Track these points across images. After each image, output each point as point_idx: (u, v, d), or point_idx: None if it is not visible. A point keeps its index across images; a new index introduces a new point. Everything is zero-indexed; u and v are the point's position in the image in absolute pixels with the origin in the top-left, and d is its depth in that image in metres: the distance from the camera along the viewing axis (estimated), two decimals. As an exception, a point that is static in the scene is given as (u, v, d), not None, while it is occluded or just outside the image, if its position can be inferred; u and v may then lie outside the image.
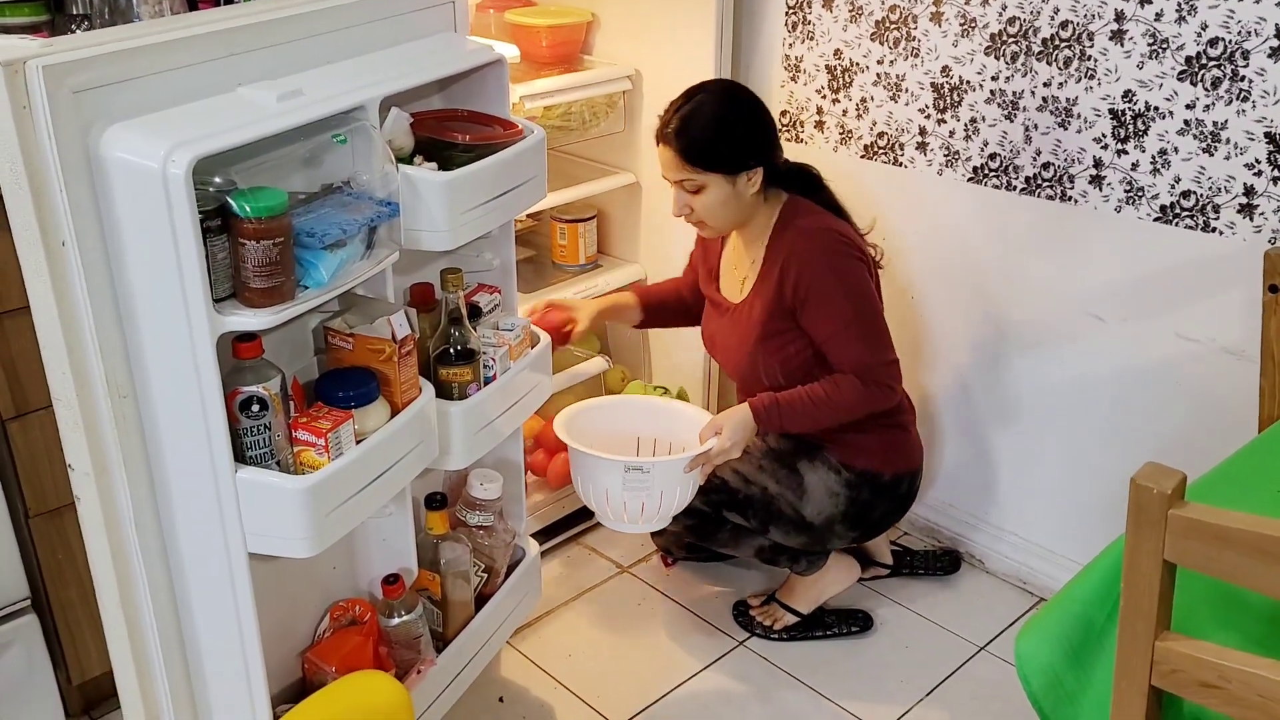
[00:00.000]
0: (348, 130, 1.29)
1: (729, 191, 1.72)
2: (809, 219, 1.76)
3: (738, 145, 1.71)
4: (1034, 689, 1.18)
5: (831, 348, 1.74)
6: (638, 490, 1.69)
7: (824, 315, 1.73)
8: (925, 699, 1.87)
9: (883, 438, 1.85)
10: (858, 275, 1.75)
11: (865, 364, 1.74)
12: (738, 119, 1.71)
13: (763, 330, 1.79)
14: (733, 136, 1.70)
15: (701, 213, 1.75)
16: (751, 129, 1.72)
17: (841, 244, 1.75)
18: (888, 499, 1.88)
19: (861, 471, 1.85)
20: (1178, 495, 0.91)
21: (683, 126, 1.70)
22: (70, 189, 1.11)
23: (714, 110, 1.70)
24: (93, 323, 1.16)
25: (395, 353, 1.37)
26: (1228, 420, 1.77)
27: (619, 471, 1.69)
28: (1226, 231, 1.72)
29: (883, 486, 1.87)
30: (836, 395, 1.74)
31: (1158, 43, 1.71)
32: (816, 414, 1.75)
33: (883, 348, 1.77)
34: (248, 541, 1.26)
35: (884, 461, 1.85)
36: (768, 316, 1.78)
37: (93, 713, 1.81)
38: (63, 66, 1.08)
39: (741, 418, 1.75)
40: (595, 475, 1.72)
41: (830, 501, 1.84)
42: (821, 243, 1.74)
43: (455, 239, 1.42)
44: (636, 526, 1.77)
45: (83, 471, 1.22)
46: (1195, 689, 0.96)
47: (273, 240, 1.16)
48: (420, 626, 1.55)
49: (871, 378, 1.74)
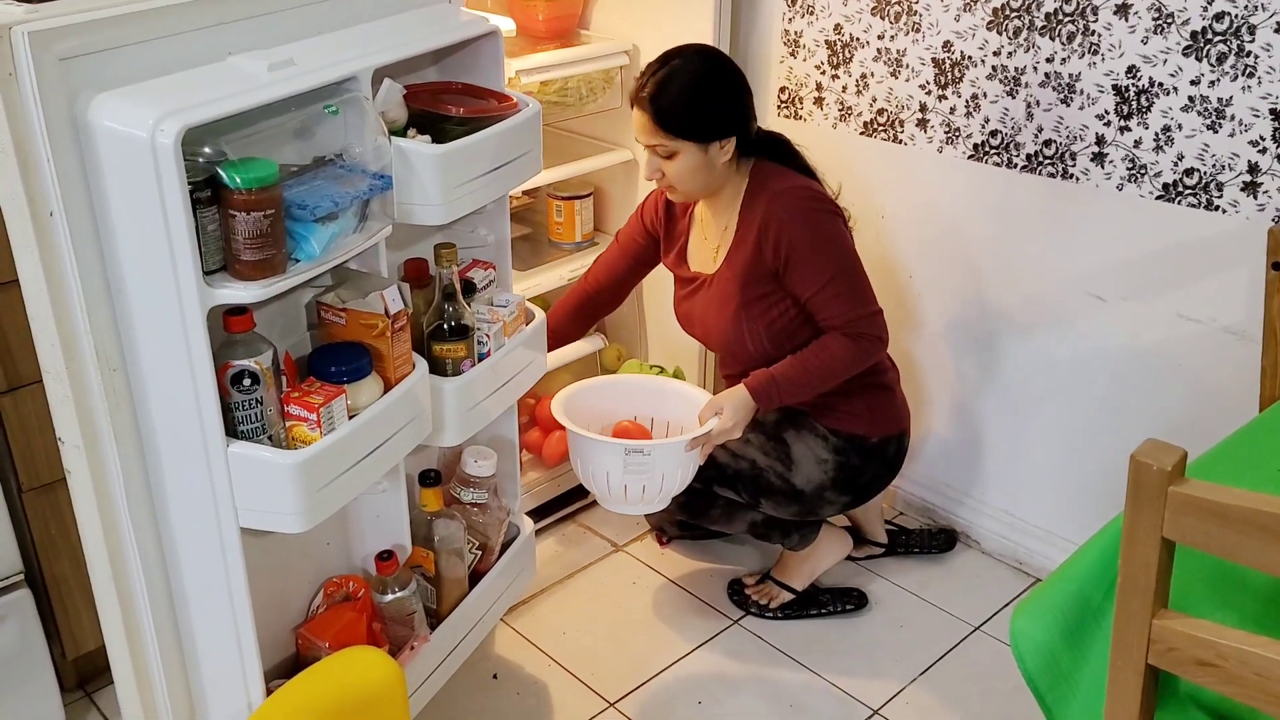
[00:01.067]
0: (340, 101, 1.28)
1: (701, 159, 1.72)
2: (780, 180, 1.77)
3: (712, 114, 1.70)
4: (1029, 667, 1.17)
5: (817, 304, 1.74)
6: (639, 473, 1.69)
7: (808, 272, 1.73)
8: (919, 678, 1.87)
9: (868, 400, 1.85)
10: (836, 229, 1.75)
11: (851, 318, 1.74)
12: (713, 87, 1.70)
13: (743, 296, 1.78)
14: (707, 105, 1.70)
15: (672, 178, 1.75)
16: (726, 98, 1.72)
17: (816, 200, 1.75)
18: (876, 462, 1.88)
19: (848, 436, 1.85)
20: (1178, 472, 0.91)
21: (657, 91, 1.69)
22: (57, 158, 1.09)
23: (690, 77, 1.69)
24: (81, 294, 1.15)
25: (388, 328, 1.36)
26: (1228, 401, 1.76)
27: (619, 454, 1.68)
28: (1230, 210, 1.71)
29: (870, 450, 1.86)
30: (828, 358, 1.74)
31: (1163, 17, 1.68)
32: (812, 381, 1.75)
33: (867, 300, 1.77)
34: (239, 516, 1.25)
35: (870, 425, 1.85)
36: (747, 281, 1.77)
37: (87, 687, 1.81)
38: (49, 33, 1.06)
39: (741, 398, 1.74)
40: (595, 458, 1.71)
41: (819, 469, 1.84)
42: (797, 201, 1.74)
43: (449, 213, 1.41)
44: (636, 508, 1.77)
45: (73, 444, 1.21)
46: (1192, 667, 0.96)
47: (263, 212, 1.15)
48: (414, 603, 1.55)
49: (858, 330, 1.75)
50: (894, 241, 2.15)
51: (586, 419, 1.76)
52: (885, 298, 1.82)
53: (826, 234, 1.73)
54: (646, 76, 1.71)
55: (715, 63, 1.73)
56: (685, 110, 1.68)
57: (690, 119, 1.69)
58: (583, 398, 1.83)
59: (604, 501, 1.78)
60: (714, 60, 1.74)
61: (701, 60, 1.72)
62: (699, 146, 1.71)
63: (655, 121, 1.70)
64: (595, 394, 1.86)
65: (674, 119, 1.69)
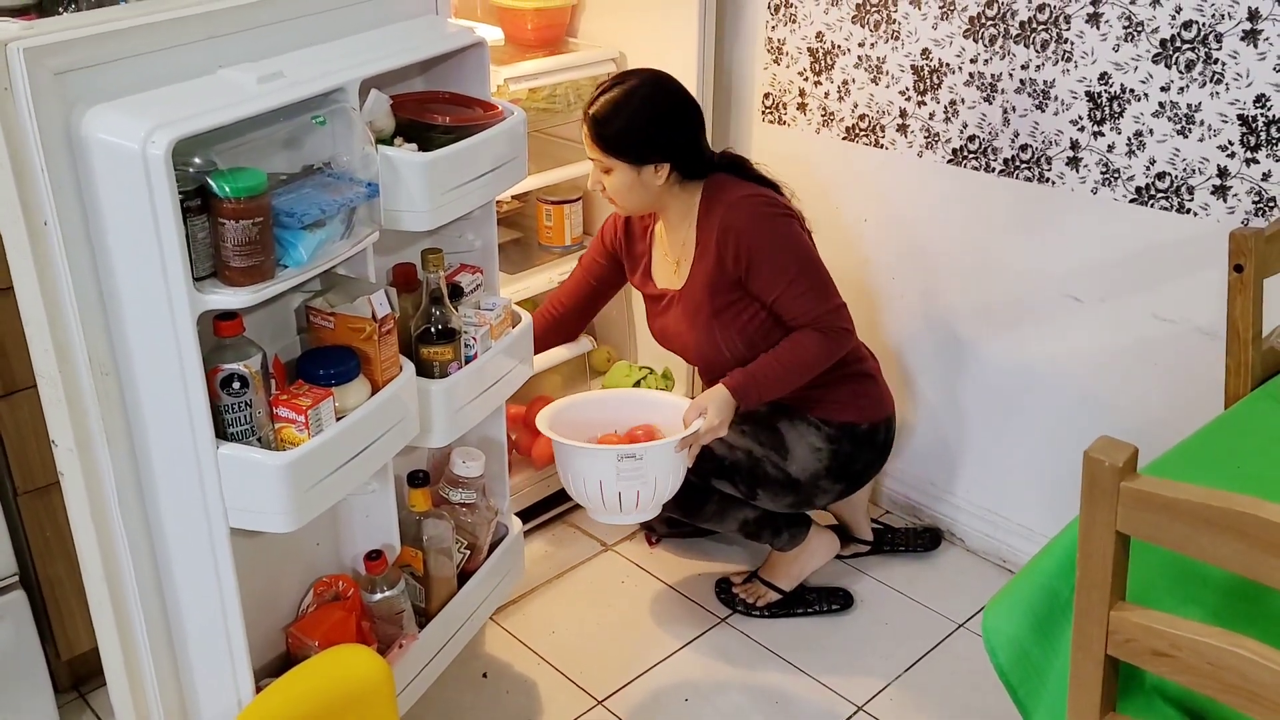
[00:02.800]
0: (327, 112, 1.31)
1: (634, 178, 1.79)
2: (733, 190, 1.81)
3: (643, 140, 1.76)
4: (1001, 662, 1.20)
5: (782, 305, 1.79)
6: (632, 479, 1.70)
7: (770, 276, 1.78)
8: (904, 674, 1.90)
9: (852, 389, 1.90)
10: (792, 230, 1.80)
11: (818, 314, 1.79)
12: (651, 115, 1.76)
13: (712, 306, 1.83)
14: (640, 130, 1.76)
15: (610, 192, 1.82)
16: (663, 127, 1.77)
17: (768, 204, 1.80)
18: (868, 449, 1.93)
19: (840, 424, 1.89)
20: (1129, 468, 0.94)
21: (599, 111, 1.76)
22: (52, 169, 1.12)
23: (630, 102, 1.75)
24: (75, 301, 1.18)
25: (376, 331, 1.39)
26: (1203, 399, 1.79)
27: (612, 462, 1.69)
28: (1200, 213, 1.74)
29: (861, 436, 1.91)
30: (802, 352, 1.79)
31: (1133, 25, 1.72)
32: (788, 375, 1.80)
33: (830, 294, 1.82)
34: (229, 516, 1.28)
35: (858, 412, 1.91)
36: (713, 292, 1.82)
37: (82, 688, 1.83)
38: (44, 49, 1.09)
39: (723, 396, 1.79)
40: (587, 468, 1.72)
41: (814, 457, 1.88)
42: (750, 208, 1.79)
43: (435, 219, 1.44)
44: (630, 517, 1.78)
45: (66, 447, 1.24)
46: (1148, 657, 0.99)
47: (252, 220, 1.18)
48: (403, 602, 1.57)
49: (826, 324, 1.79)
50: (876, 244, 2.18)
51: (571, 435, 1.77)
52: (867, 299, 1.85)
53: (783, 235, 1.78)
54: (598, 93, 1.78)
55: (662, 91, 1.79)
56: (619, 132, 1.75)
57: (622, 140, 1.76)
58: (567, 415, 1.85)
59: (597, 514, 1.79)
60: (661, 88, 1.79)
61: (649, 87, 1.78)
62: (630, 167, 1.77)
63: (591, 137, 1.77)
64: (578, 410, 1.88)
65: (607, 138, 1.76)
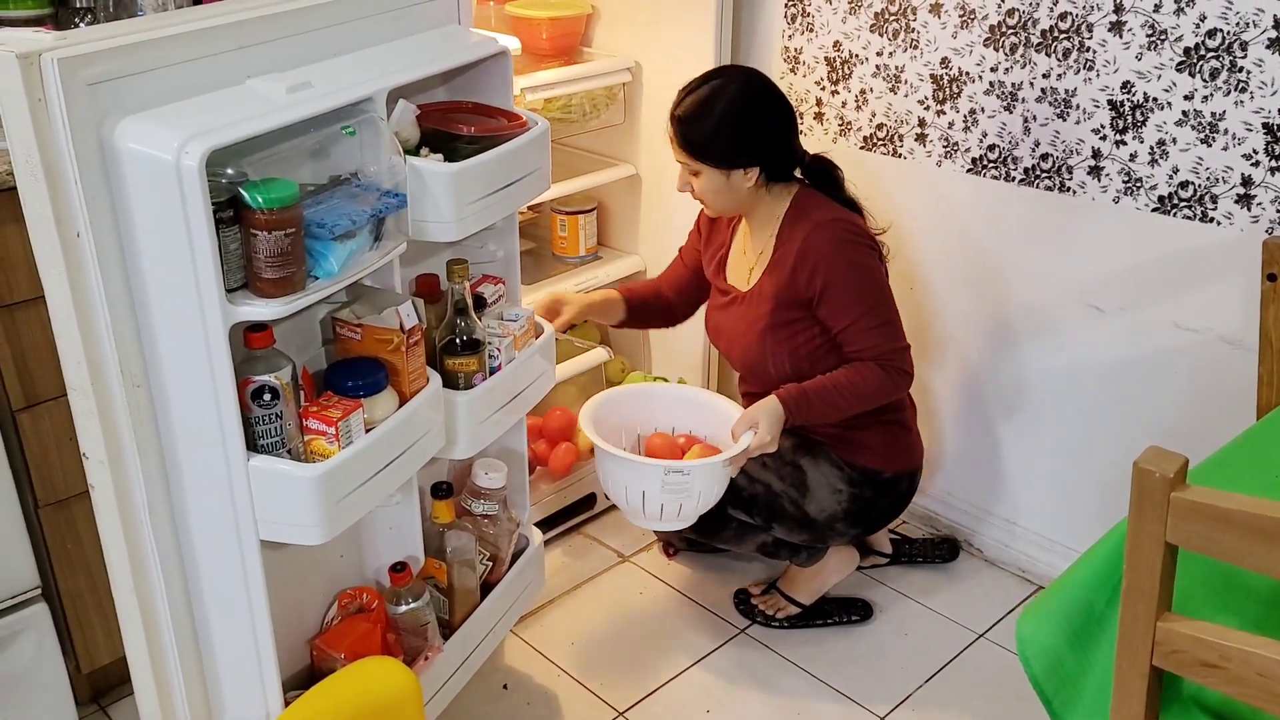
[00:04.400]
0: (356, 122, 1.30)
1: (722, 182, 1.75)
2: (820, 211, 1.77)
3: (732, 143, 1.71)
4: (1036, 672, 1.19)
5: (849, 336, 1.75)
6: (677, 492, 1.68)
7: (843, 306, 1.74)
8: (924, 686, 1.89)
9: (884, 436, 1.86)
10: (872, 264, 1.77)
11: (882, 351, 1.75)
12: (740, 117, 1.71)
13: (772, 319, 1.80)
14: (729, 134, 1.71)
15: (699, 194, 1.79)
16: (752, 130, 1.72)
17: (854, 234, 1.76)
18: (888, 497, 1.90)
19: (863, 469, 1.86)
20: (1180, 478, 0.93)
21: (686, 112, 1.71)
22: (85, 180, 1.12)
23: (718, 103, 1.70)
24: (107, 312, 1.17)
25: (403, 343, 1.38)
26: (1226, 409, 1.79)
27: (659, 476, 1.67)
28: (1224, 221, 1.74)
29: (883, 484, 1.88)
30: (860, 382, 1.74)
31: (1156, 34, 1.72)
32: (841, 402, 1.75)
33: (899, 335, 1.79)
34: (259, 529, 1.28)
35: (885, 460, 1.87)
36: (777, 305, 1.79)
37: (101, 700, 1.82)
38: (77, 59, 1.08)
39: (774, 410, 1.73)
40: (631, 478, 1.69)
41: (833, 499, 1.85)
42: (836, 234, 1.75)
43: (461, 230, 1.43)
44: (669, 525, 1.76)
45: (97, 460, 1.24)
46: (1196, 669, 0.98)
47: (284, 231, 1.18)
48: (427, 614, 1.56)
49: (890, 364, 1.76)
50: (895, 254, 2.16)
51: (613, 431, 1.75)
52: (887, 309, 1.84)
53: (863, 267, 1.75)
54: (684, 93, 1.73)
55: (752, 90, 1.73)
56: (707, 135, 1.70)
57: (711, 144, 1.71)
58: (608, 409, 1.83)
59: (633, 518, 1.77)
60: (752, 87, 1.73)
61: (739, 86, 1.72)
62: (719, 171, 1.73)
63: (678, 140, 1.73)
64: (621, 404, 1.86)
65: (695, 142, 1.71)
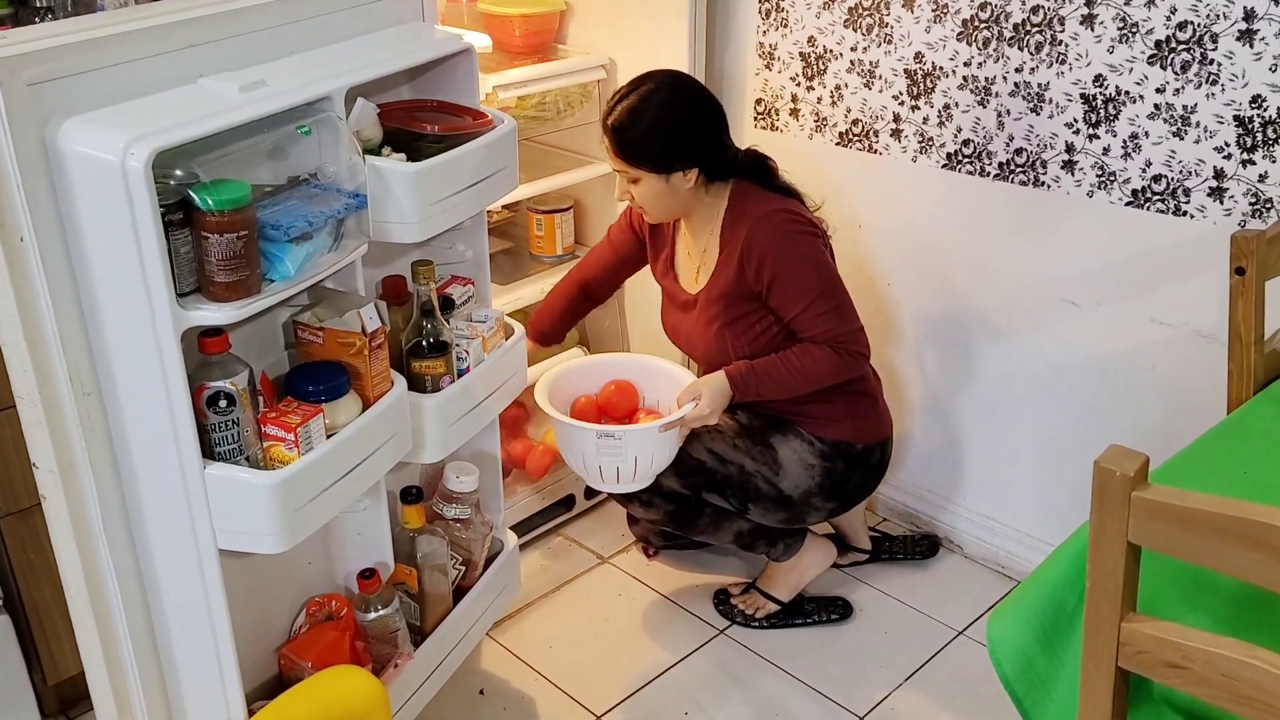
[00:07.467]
0: (313, 122, 1.28)
1: (662, 187, 1.75)
2: (759, 204, 1.78)
3: (669, 146, 1.72)
4: (1007, 672, 1.18)
5: (801, 323, 1.76)
6: (611, 455, 1.73)
7: (792, 294, 1.75)
8: (904, 683, 1.88)
9: (850, 408, 1.87)
10: (816, 252, 1.77)
11: (836, 335, 1.76)
12: (673, 120, 1.72)
13: (726, 316, 1.81)
14: (664, 138, 1.72)
15: (640, 201, 1.79)
16: (686, 131, 1.73)
17: (796, 223, 1.77)
18: (861, 469, 1.90)
19: (833, 442, 1.86)
20: (1140, 477, 0.92)
21: (618, 120, 1.72)
22: (28, 183, 1.09)
23: (650, 108, 1.71)
24: (54, 319, 1.15)
25: (366, 346, 1.36)
26: (1202, 403, 1.78)
27: (592, 439, 1.73)
28: (1197, 215, 1.73)
29: (855, 457, 1.88)
30: (810, 363, 1.76)
31: (1128, 27, 1.71)
32: (791, 381, 1.77)
33: (850, 317, 1.79)
34: (218, 538, 1.25)
35: (855, 431, 1.87)
36: (729, 303, 1.80)
37: (69, 713, 1.80)
38: (16, 59, 1.06)
39: (719, 384, 1.77)
40: (570, 440, 1.77)
41: (806, 474, 1.85)
42: (777, 225, 1.75)
43: (424, 230, 1.41)
44: (619, 487, 1.80)
45: (48, 470, 1.21)
46: (1161, 669, 0.97)
47: (236, 233, 1.15)
48: (397, 620, 1.54)
49: (843, 347, 1.77)
50: (871, 250, 2.16)
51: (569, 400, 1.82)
52: (863, 306, 1.83)
53: (808, 255, 1.75)
54: (614, 101, 1.74)
55: (681, 93, 1.75)
56: (644, 141, 1.71)
57: (648, 150, 1.72)
58: (567, 380, 1.88)
59: (590, 482, 1.83)
60: (681, 90, 1.75)
61: (667, 90, 1.73)
62: (658, 175, 1.74)
63: (615, 149, 1.73)
64: (579, 376, 1.91)
65: (633, 148, 1.72)
